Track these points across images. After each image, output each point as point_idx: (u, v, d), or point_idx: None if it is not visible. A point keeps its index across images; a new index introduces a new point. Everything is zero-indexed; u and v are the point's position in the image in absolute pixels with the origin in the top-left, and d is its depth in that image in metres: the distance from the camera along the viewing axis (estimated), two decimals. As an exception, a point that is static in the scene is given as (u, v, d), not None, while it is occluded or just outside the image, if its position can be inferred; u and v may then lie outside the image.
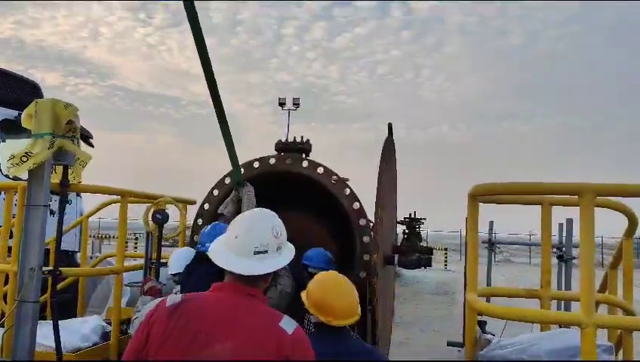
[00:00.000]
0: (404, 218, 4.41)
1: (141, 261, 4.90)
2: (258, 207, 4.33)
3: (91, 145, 8.81)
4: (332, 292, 2.71)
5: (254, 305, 2.08)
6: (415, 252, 3.84)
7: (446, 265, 28.43)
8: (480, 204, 3.43)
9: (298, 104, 33.88)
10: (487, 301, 7.79)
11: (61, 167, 3.69)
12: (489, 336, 2.91)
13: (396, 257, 4.08)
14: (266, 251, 2.13)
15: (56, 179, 3.73)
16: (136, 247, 26.72)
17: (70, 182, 3.75)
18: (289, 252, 2.27)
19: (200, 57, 3.16)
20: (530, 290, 3.48)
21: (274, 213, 2.29)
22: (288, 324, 2.05)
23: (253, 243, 2.11)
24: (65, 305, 5.99)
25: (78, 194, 8.13)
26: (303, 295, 3.04)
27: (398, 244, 4.14)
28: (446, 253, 29.75)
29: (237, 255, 2.11)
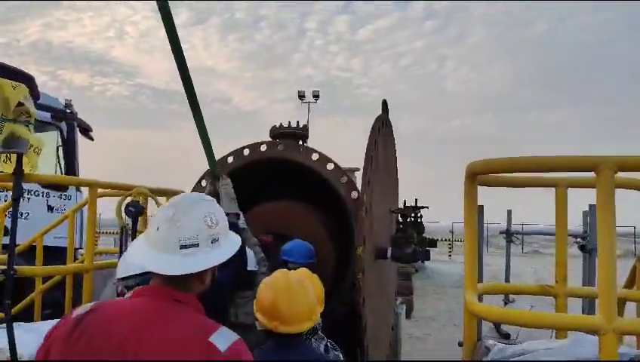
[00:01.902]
0: (401, 207, 4.03)
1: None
2: (238, 200, 3.95)
3: (91, 139, 8.52)
4: (283, 294, 2.32)
5: (180, 314, 1.63)
6: (411, 244, 3.44)
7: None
8: (497, 191, 3.02)
9: (318, 96, 33.30)
10: (507, 299, 7.26)
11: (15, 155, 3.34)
12: (490, 342, 2.44)
13: (389, 250, 3.63)
14: (197, 244, 1.68)
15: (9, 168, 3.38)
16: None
17: (26, 173, 3.40)
18: (230, 245, 1.81)
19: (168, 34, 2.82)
20: (544, 287, 2.99)
21: (209, 198, 1.85)
22: (222, 339, 1.59)
23: (178, 235, 1.67)
24: (60, 305, 5.70)
25: (78, 189, 7.84)
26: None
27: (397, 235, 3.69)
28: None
29: (158, 250, 1.68)
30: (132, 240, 4.00)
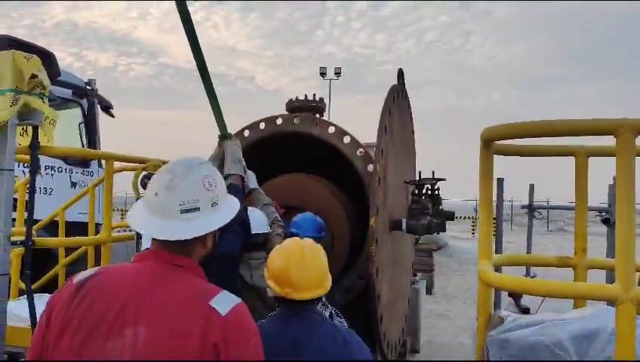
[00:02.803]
0: (414, 179, 3.84)
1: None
2: (251, 170, 3.91)
3: (112, 116, 8.58)
4: (295, 261, 2.26)
5: (181, 278, 1.63)
6: (426, 215, 3.34)
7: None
8: (524, 167, 2.93)
9: (340, 73, 33.13)
10: (527, 272, 7.17)
11: (31, 128, 3.36)
12: (504, 313, 2.39)
13: (404, 222, 3.57)
14: (197, 208, 1.68)
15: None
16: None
17: (42, 145, 3.42)
18: (230, 208, 1.81)
19: None
20: (562, 258, 2.91)
21: (205, 160, 1.85)
22: (223, 302, 1.58)
23: (178, 200, 1.66)
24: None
25: (99, 165, 7.94)
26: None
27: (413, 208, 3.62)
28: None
29: (159, 216, 1.67)
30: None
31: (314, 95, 5.39)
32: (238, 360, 1.52)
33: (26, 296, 3.64)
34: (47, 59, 7.56)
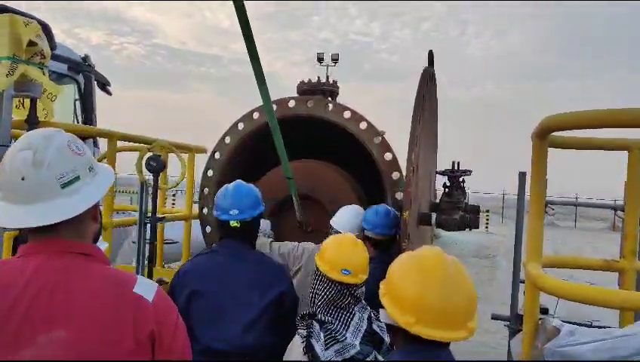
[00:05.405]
0: (446, 169, 3.63)
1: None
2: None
3: (109, 93, 8.25)
4: (437, 282, 1.69)
5: (91, 268, 1.44)
6: (458, 210, 3.14)
7: (487, 227, 27.51)
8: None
9: (337, 59, 32.65)
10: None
11: (29, 100, 3.07)
12: (557, 322, 2.16)
13: (434, 216, 3.34)
14: (77, 177, 1.45)
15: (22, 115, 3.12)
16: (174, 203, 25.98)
17: (40, 120, 3.13)
18: (107, 171, 1.60)
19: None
20: (608, 261, 2.69)
21: (60, 129, 1.57)
22: (145, 288, 1.45)
23: (54, 175, 1.42)
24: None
25: (95, 145, 7.62)
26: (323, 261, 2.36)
27: (437, 201, 3.38)
28: (487, 215, 28.80)
29: (35, 201, 1.40)
30: (152, 196, 3.76)
31: (327, 77, 5.13)
32: (171, 346, 1.44)
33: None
34: (44, 30, 7.17)
